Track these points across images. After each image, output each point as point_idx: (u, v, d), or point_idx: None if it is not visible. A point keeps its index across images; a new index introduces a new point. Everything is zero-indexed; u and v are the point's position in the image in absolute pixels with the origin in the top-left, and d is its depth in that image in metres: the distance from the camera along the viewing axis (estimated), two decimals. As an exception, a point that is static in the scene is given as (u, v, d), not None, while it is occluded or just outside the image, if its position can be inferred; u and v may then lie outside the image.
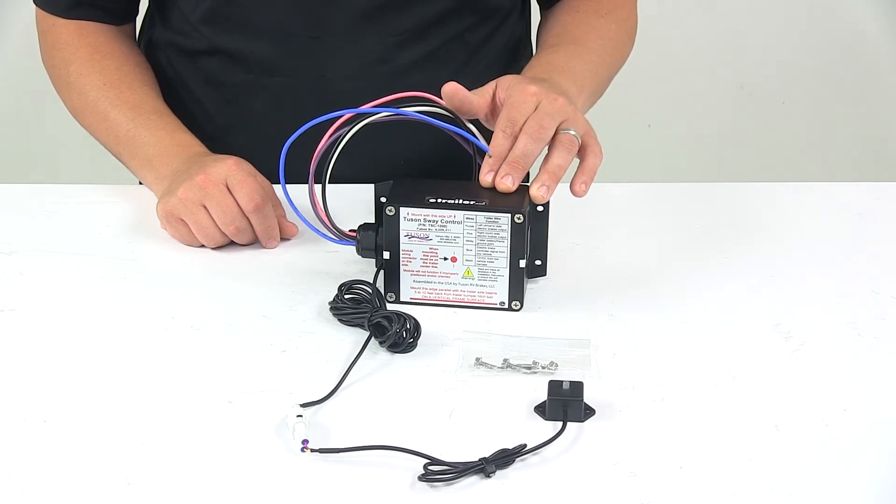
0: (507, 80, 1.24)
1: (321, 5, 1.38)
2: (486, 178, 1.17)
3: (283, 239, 1.29)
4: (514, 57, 1.51)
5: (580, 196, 1.18)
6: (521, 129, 1.17)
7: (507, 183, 1.16)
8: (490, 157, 1.17)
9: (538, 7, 1.54)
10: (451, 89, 1.19)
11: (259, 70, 1.43)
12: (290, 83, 1.42)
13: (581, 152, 1.20)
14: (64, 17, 1.44)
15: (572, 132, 1.18)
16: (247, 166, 1.29)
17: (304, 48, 1.40)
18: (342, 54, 1.40)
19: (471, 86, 1.41)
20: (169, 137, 1.36)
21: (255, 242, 1.29)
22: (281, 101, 1.42)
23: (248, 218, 1.26)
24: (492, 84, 1.24)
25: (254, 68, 1.43)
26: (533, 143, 1.17)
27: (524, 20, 1.53)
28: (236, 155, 1.30)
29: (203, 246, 1.28)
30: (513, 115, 1.18)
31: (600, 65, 1.41)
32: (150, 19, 1.52)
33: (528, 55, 1.54)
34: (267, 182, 1.30)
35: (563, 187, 1.19)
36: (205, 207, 1.26)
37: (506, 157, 1.16)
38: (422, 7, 1.40)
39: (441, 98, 1.18)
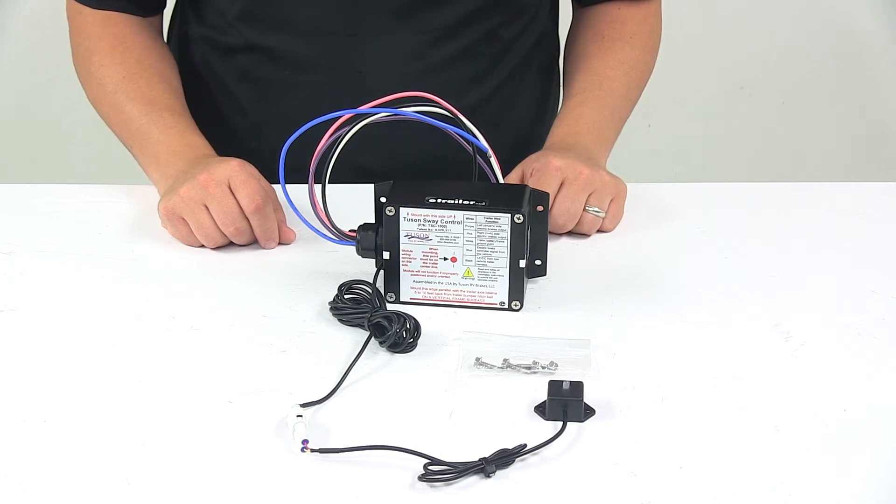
0: (532, 160, 1.31)
1: (358, 3, 1.39)
2: None
3: (281, 243, 1.29)
4: (544, 52, 1.53)
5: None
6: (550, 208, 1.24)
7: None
8: None
9: (569, 4, 1.56)
10: None
11: (294, 67, 1.44)
12: (326, 80, 1.43)
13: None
14: (91, 7, 1.45)
15: (596, 210, 1.28)
16: (250, 168, 1.29)
17: (340, 45, 1.41)
18: (377, 51, 1.42)
19: (503, 80, 1.46)
20: (178, 137, 1.36)
21: (253, 243, 1.29)
22: (315, 98, 1.42)
23: (248, 219, 1.26)
24: (519, 167, 1.32)
25: (289, 65, 1.44)
26: (559, 227, 1.28)
27: (552, 17, 1.55)
28: (269, 152, 1.30)
29: (203, 246, 1.28)
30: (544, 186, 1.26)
31: (624, 102, 1.47)
32: (183, 13, 1.52)
33: (556, 51, 1.56)
34: (269, 185, 1.30)
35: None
36: (206, 207, 1.26)
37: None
38: (457, 4, 1.41)
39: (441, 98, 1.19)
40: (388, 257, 1.16)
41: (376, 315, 1.10)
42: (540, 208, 1.16)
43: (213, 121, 1.49)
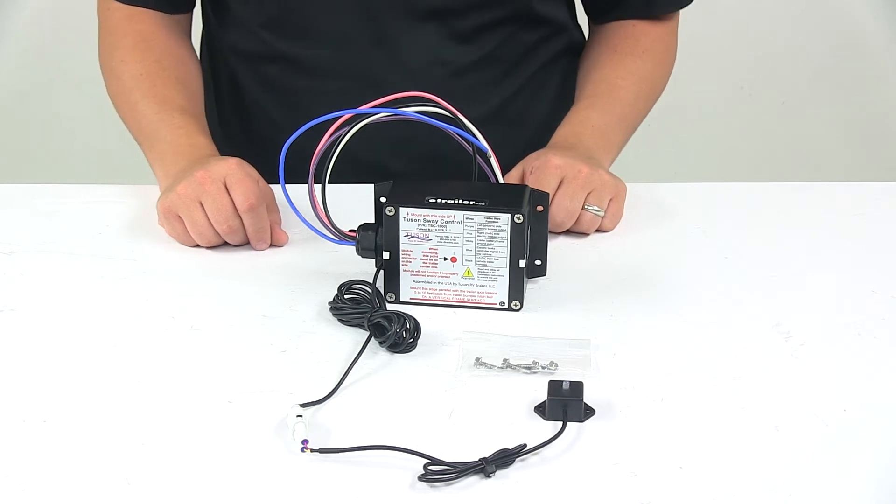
0: (532, 158, 1.32)
1: (383, 12, 1.40)
2: None
3: (273, 245, 1.29)
4: (567, 60, 1.54)
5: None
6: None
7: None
8: None
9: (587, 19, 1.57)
10: None
11: (320, 75, 1.45)
12: (351, 87, 1.43)
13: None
14: (120, 2, 1.46)
15: (595, 209, 1.28)
16: (248, 168, 1.29)
17: (365, 53, 1.43)
18: (401, 58, 1.43)
19: (525, 84, 1.48)
20: (185, 138, 1.37)
21: (247, 244, 1.29)
22: (341, 107, 1.43)
23: (241, 218, 1.26)
24: (519, 165, 1.32)
25: (315, 73, 1.45)
26: (557, 225, 1.28)
27: (577, 30, 1.57)
28: (291, 156, 1.31)
29: (198, 246, 1.28)
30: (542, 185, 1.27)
31: (633, 111, 1.47)
32: (208, 19, 1.53)
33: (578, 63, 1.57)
34: (267, 186, 1.30)
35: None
36: (201, 205, 1.26)
37: None
38: (479, 12, 1.43)
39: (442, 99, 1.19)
40: (388, 257, 1.16)
41: (376, 315, 1.10)
42: (540, 208, 1.16)
43: (240, 124, 1.51)
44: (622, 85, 1.46)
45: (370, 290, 1.15)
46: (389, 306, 1.15)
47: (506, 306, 1.17)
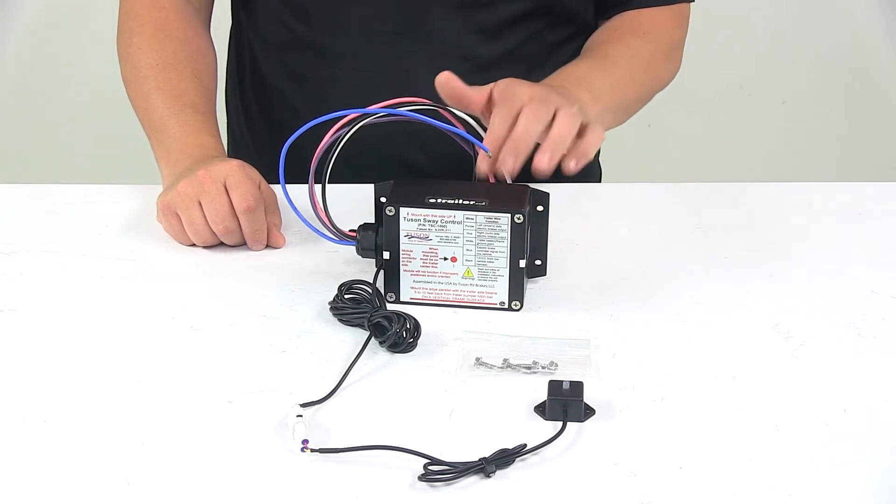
0: (505, 80, 1.24)
1: (411, 2, 1.40)
2: (482, 165, 1.15)
3: (270, 246, 1.29)
4: None
5: (569, 173, 1.16)
6: (519, 112, 1.15)
7: (508, 166, 1.14)
8: (488, 149, 1.16)
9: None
10: (444, 78, 1.20)
11: (345, 65, 1.45)
12: (374, 79, 1.44)
13: (580, 131, 1.18)
14: None
15: (574, 108, 1.17)
16: (249, 169, 1.29)
17: (390, 44, 1.43)
18: (425, 51, 1.43)
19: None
20: (193, 137, 1.36)
21: (244, 244, 1.29)
22: (364, 97, 1.43)
23: (238, 220, 1.26)
24: (491, 84, 1.24)
25: (340, 63, 1.45)
26: (533, 122, 1.14)
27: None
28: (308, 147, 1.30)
29: (195, 245, 1.28)
30: (509, 100, 1.17)
31: (627, 82, 1.42)
32: (237, 11, 1.53)
33: None
34: (268, 188, 1.30)
35: (560, 188, 1.19)
36: (199, 204, 1.26)
37: (504, 141, 1.15)
38: (503, 6, 1.42)
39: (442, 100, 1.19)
40: (388, 257, 1.16)
41: (376, 315, 1.10)
42: (540, 208, 1.16)
43: (262, 112, 1.51)
44: (614, 58, 1.43)
45: (370, 290, 1.15)
46: (389, 306, 1.15)
47: (506, 306, 1.17)
